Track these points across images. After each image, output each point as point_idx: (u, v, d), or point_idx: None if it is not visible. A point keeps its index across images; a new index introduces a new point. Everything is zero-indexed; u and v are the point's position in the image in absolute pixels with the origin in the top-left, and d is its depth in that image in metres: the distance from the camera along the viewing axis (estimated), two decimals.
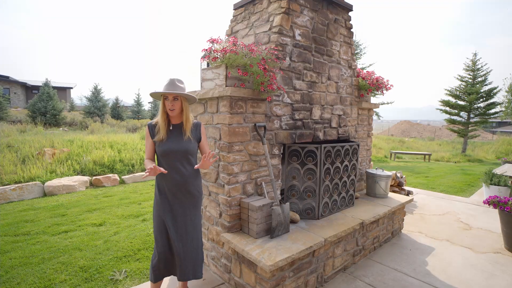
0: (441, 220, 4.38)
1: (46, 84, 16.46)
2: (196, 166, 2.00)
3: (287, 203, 2.61)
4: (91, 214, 4.61)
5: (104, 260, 3.08)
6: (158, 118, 2.06)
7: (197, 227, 2.15)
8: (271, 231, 2.49)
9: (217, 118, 2.52)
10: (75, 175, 6.75)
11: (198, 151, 2.23)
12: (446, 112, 17.44)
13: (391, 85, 4.07)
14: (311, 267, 2.55)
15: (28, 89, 26.97)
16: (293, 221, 2.85)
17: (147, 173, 1.84)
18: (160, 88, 2.04)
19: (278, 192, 2.76)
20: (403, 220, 3.92)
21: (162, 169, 1.87)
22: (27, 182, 5.97)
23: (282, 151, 2.92)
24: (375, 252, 3.35)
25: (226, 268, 2.61)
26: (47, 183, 5.99)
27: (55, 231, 3.86)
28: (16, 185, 5.67)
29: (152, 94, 2.07)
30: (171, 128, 2.08)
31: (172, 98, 2.00)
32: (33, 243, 3.51)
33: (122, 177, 7.07)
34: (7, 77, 24.77)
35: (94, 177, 6.71)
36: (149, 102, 23.26)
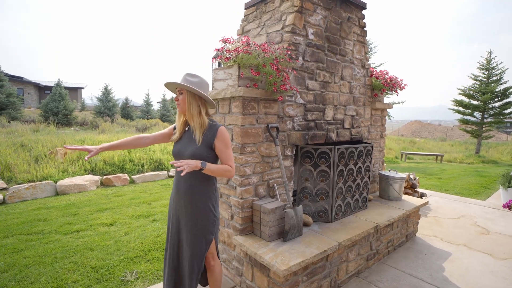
0: (457, 224, 4.25)
1: (58, 84, 16.78)
2: (172, 161, 1.68)
3: (300, 206, 2.56)
4: (102, 213, 4.64)
5: (115, 260, 3.08)
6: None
7: (193, 250, 1.85)
8: (283, 234, 2.44)
9: (229, 119, 2.48)
10: (86, 174, 6.83)
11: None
12: (459, 112, 17.06)
13: (405, 85, 3.98)
14: (324, 272, 2.49)
15: (41, 89, 27.56)
16: (305, 224, 2.79)
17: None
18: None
19: (291, 194, 2.71)
20: (417, 223, 3.82)
21: (85, 149, 1.80)
22: (40, 181, 6.07)
23: (294, 153, 2.87)
24: (389, 256, 3.27)
25: (238, 271, 2.57)
26: (59, 182, 6.07)
27: (67, 231, 3.90)
28: (30, 184, 5.77)
29: (165, 85, 1.90)
30: (186, 128, 1.93)
31: (178, 92, 1.84)
32: (46, 242, 3.55)
33: (132, 176, 7.12)
34: (21, 77, 25.36)
35: (104, 177, 6.78)
36: (158, 102, 23.47)
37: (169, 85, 1.88)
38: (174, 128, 2.00)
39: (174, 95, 1.93)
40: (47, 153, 7.17)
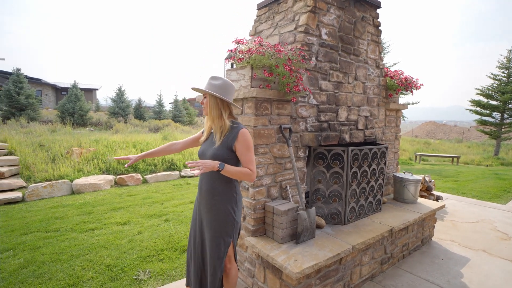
0: (475, 228, 4.11)
1: (74, 86, 17.23)
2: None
3: (313, 208, 2.53)
4: (116, 212, 4.72)
5: (128, 259, 3.13)
6: None
7: (212, 251, 1.86)
8: (296, 236, 2.41)
9: (242, 119, 2.48)
10: (100, 174, 6.98)
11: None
12: (476, 112, 16.54)
13: (420, 84, 3.88)
14: (337, 275, 2.45)
15: (58, 90, 28.40)
16: (318, 226, 2.76)
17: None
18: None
19: (303, 195, 2.68)
20: (433, 227, 3.71)
21: (126, 158, 1.98)
22: (57, 180, 6.24)
23: (307, 154, 2.84)
24: (404, 260, 3.19)
25: (250, 272, 2.57)
26: (75, 181, 6.23)
27: (83, 229, 3.99)
28: (47, 182, 5.94)
29: (192, 89, 1.95)
30: (212, 130, 1.95)
31: (203, 96, 1.90)
32: (63, 239, 3.64)
33: (145, 176, 7.23)
34: (39, 79, 26.21)
35: (118, 176, 6.91)
36: (170, 103, 23.77)
37: (195, 90, 1.92)
38: (203, 131, 2.05)
39: (187, 97, 1.96)
40: (63, 152, 7.37)
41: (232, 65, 2.68)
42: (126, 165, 2.00)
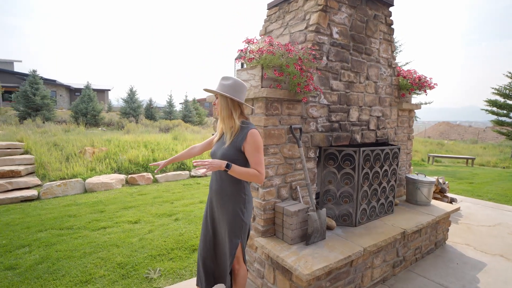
0: (492, 232, 3.99)
1: (87, 86, 17.61)
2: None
3: (324, 209, 2.50)
4: (127, 211, 4.79)
5: (139, 257, 3.16)
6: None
7: (223, 249, 1.93)
8: (306, 237, 2.39)
9: (252, 119, 2.47)
10: (112, 173, 7.10)
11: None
12: (492, 112, 16.07)
13: (434, 84, 3.79)
14: (348, 278, 2.42)
15: (72, 91, 29.08)
16: (329, 228, 2.72)
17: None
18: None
19: (314, 196, 2.66)
20: (447, 230, 3.62)
21: (156, 164, 2.11)
22: (70, 178, 6.39)
23: (317, 154, 2.81)
24: (416, 264, 3.12)
25: (259, 273, 2.55)
26: (87, 180, 6.36)
27: (95, 227, 4.06)
28: (61, 181, 6.08)
29: (204, 90, 1.98)
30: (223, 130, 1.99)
31: (215, 96, 1.92)
32: (76, 237, 3.72)
33: (156, 176, 7.31)
34: (54, 80, 26.90)
35: (129, 176, 7.02)
36: (180, 103, 24.00)
37: (206, 91, 1.96)
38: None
39: (197, 97, 1.99)
40: (77, 152, 7.53)
41: (242, 65, 2.68)
42: (155, 170, 2.14)
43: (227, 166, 1.69)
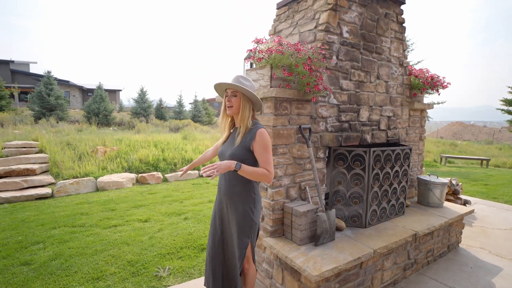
0: (508, 236, 3.87)
1: (99, 87, 17.96)
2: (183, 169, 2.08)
3: (333, 210, 2.47)
4: (137, 210, 4.86)
5: (149, 256, 3.20)
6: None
7: (232, 250, 1.91)
8: (315, 238, 2.37)
9: (261, 119, 2.46)
10: (123, 172, 7.22)
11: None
12: (509, 112, 15.62)
13: (448, 83, 3.70)
14: (358, 280, 2.39)
15: (84, 91, 29.73)
16: (338, 229, 2.70)
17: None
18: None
19: (323, 197, 2.63)
20: (461, 233, 3.53)
21: (181, 172, 2.15)
22: (83, 177, 6.52)
23: (327, 155, 2.79)
24: (428, 267, 3.05)
25: (268, 273, 2.55)
26: (99, 179, 6.48)
27: (106, 225, 4.14)
28: (74, 179, 6.22)
29: (215, 86, 1.95)
30: (232, 130, 1.99)
31: (230, 94, 1.84)
32: (88, 235, 3.79)
33: (165, 175, 7.39)
34: (68, 81, 27.56)
35: (140, 175, 7.12)
36: (190, 103, 24.20)
37: (221, 86, 1.89)
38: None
39: (206, 97, 1.97)
40: (89, 151, 7.69)
41: (251, 64, 2.68)
42: (180, 175, 2.17)
43: (237, 166, 1.68)
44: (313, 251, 2.27)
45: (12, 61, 26.84)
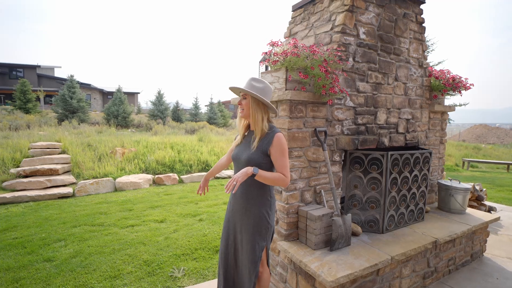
0: None
1: (119, 90, 18.52)
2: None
3: (349, 214, 2.42)
4: (154, 210, 4.96)
5: (164, 256, 3.25)
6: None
7: (248, 255, 1.84)
8: (330, 243, 2.33)
9: (276, 122, 2.46)
10: (140, 173, 7.39)
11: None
12: None
13: (470, 84, 3.56)
14: (374, 287, 2.32)
15: (104, 94, 30.76)
16: (354, 234, 2.64)
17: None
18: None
19: (338, 201, 2.59)
20: (485, 241, 3.37)
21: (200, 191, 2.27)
22: (102, 177, 6.73)
23: (343, 158, 2.74)
24: (450, 276, 2.93)
25: (282, 277, 2.53)
26: (117, 179, 6.66)
27: (124, 225, 4.24)
28: (94, 180, 6.43)
29: (230, 88, 1.95)
30: (246, 133, 1.98)
31: (241, 97, 1.85)
32: (106, 234, 3.90)
33: (181, 176, 7.51)
34: (89, 84, 28.62)
35: (156, 176, 7.26)
36: (205, 106, 24.52)
37: (234, 89, 1.91)
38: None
39: (222, 100, 1.97)
40: (108, 152, 7.93)
41: (266, 67, 2.68)
42: (201, 194, 2.35)
43: (255, 171, 1.68)
44: (328, 256, 2.23)
45: (39, 66, 28.18)
